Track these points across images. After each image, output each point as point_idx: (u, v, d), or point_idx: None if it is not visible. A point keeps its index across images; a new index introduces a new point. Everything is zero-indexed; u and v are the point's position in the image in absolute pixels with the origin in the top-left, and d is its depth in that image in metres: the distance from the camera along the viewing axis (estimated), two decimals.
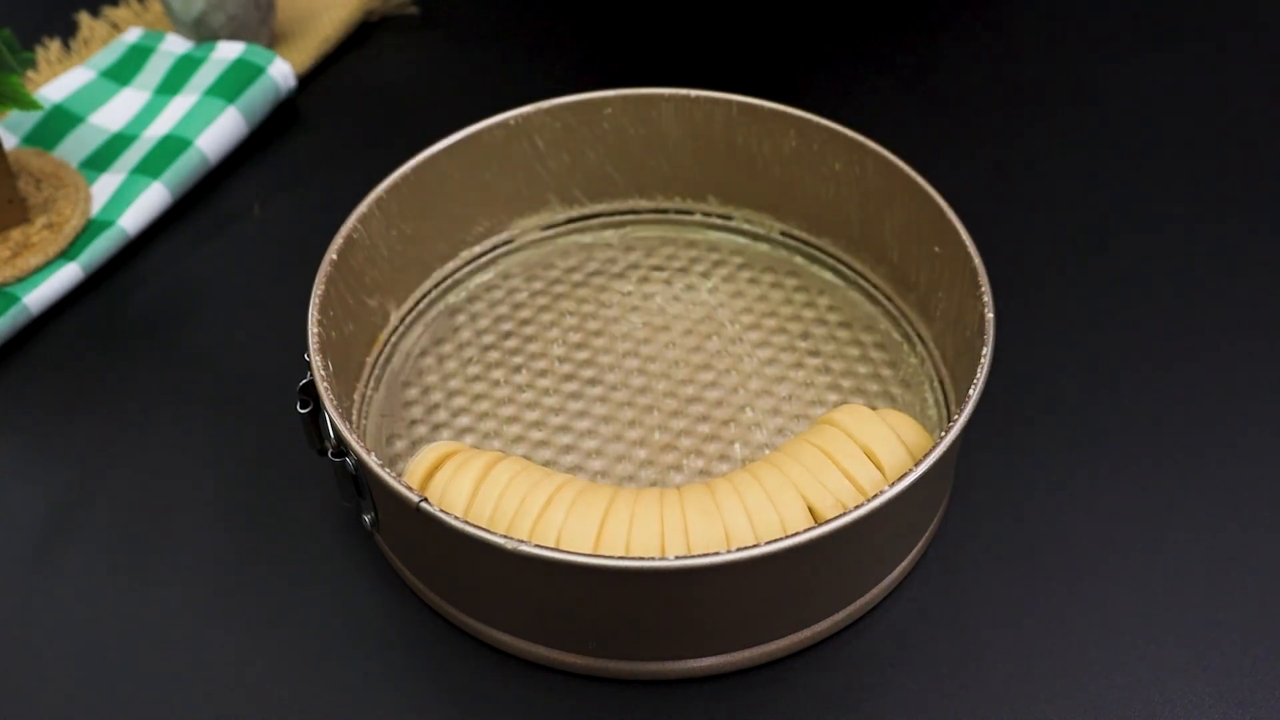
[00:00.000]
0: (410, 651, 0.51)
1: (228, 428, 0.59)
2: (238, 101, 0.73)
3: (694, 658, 0.49)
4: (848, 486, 0.49)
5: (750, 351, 0.61)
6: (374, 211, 0.58)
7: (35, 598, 0.53)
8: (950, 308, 0.57)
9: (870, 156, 0.59)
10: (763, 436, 0.57)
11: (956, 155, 0.73)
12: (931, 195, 0.56)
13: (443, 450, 0.52)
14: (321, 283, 0.54)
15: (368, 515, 0.51)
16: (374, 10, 0.83)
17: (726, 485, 0.49)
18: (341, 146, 0.75)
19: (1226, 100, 0.76)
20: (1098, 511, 0.55)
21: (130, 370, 0.62)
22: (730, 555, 0.43)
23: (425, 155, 0.60)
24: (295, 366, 0.53)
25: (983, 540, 0.54)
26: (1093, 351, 0.61)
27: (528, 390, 0.59)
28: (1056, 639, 0.50)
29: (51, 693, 0.50)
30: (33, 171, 0.69)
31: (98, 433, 0.59)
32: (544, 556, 0.44)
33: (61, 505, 0.56)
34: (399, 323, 0.62)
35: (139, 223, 0.68)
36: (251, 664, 0.50)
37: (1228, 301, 0.64)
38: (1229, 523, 0.54)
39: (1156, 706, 0.48)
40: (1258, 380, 0.60)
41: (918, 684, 0.49)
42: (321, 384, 0.50)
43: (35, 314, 0.64)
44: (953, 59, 0.80)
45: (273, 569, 0.54)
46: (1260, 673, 0.49)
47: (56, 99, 0.75)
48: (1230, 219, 0.69)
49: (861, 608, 0.51)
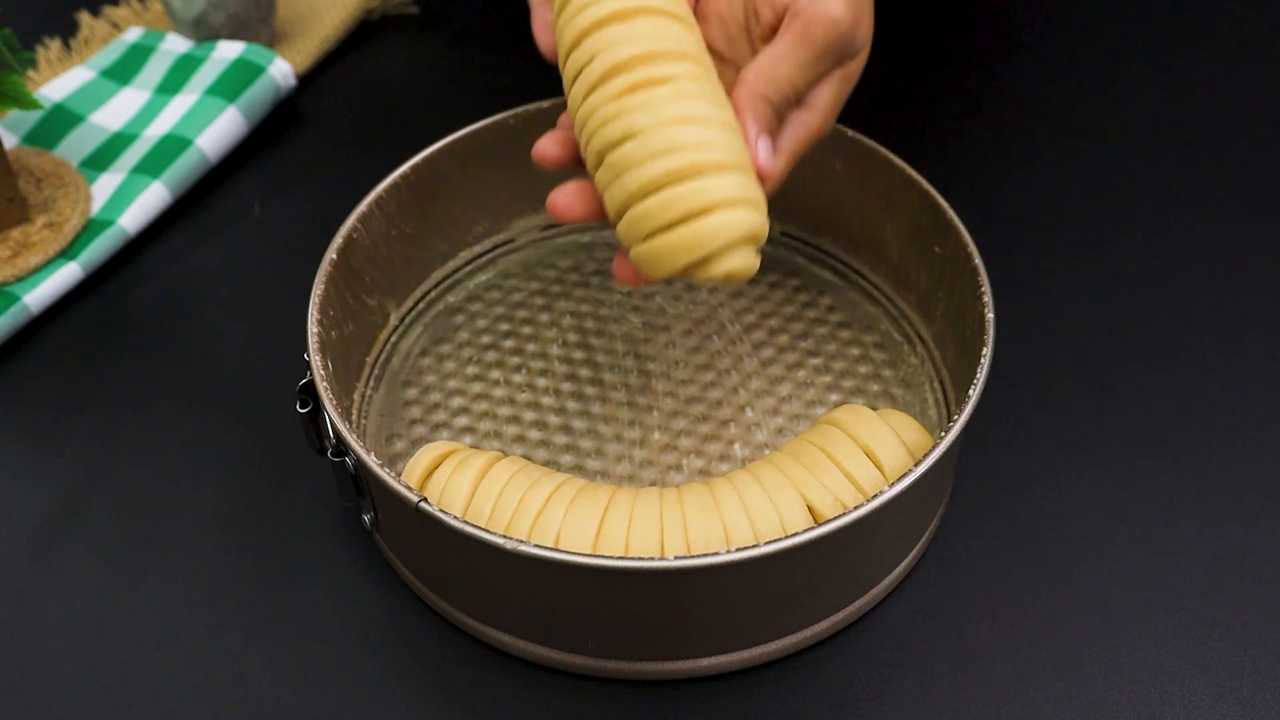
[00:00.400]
0: (410, 651, 0.51)
1: (228, 427, 0.59)
2: (238, 101, 0.73)
3: (694, 658, 0.49)
4: (848, 486, 0.49)
5: (750, 351, 0.61)
6: (374, 211, 0.58)
7: (35, 598, 0.53)
8: (950, 308, 0.57)
9: (870, 156, 0.59)
10: (763, 436, 0.57)
11: (956, 155, 0.73)
12: (932, 195, 0.56)
13: (440, 450, 0.52)
14: (321, 283, 0.54)
15: (367, 515, 0.52)
16: (374, 10, 0.83)
17: (726, 485, 0.49)
18: (341, 146, 0.75)
19: (1227, 100, 0.76)
20: (1097, 511, 0.55)
21: (130, 370, 0.62)
22: (730, 555, 0.43)
23: (425, 155, 0.60)
24: (295, 366, 0.53)
25: (982, 540, 0.54)
26: (1092, 351, 0.61)
27: (527, 390, 0.59)
28: (1056, 639, 0.50)
29: (51, 692, 0.50)
30: (33, 171, 0.69)
31: (98, 432, 0.59)
32: (543, 556, 0.44)
33: (61, 505, 0.56)
34: (399, 323, 0.62)
35: (139, 222, 0.68)
36: (251, 664, 0.50)
37: (1228, 301, 0.64)
38: (1229, 523, 0.54)
39: (1156, 706, 0.48)
40: (1258, 380, 0.60)
41: (918, 684, 0.49)
42: (321, 384, 0.50)
43: (35, 313, 0.64)
44: (953, 59, 0.80)
45: (272, 569, 0.54)
46: (1260, 673, 0.49)
47: (57, 98, 0.75)
48: (1230, 219, 0.69)
49: (861, 608, 0.51)
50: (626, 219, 0.44)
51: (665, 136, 0.43)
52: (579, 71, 0.46)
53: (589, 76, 0.45)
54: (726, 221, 0.42)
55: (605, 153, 0.44)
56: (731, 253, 0.43)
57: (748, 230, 0.43)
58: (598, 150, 0.44)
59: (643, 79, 0.44)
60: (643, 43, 0.44)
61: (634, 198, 0.43)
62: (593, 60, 0.45)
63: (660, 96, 0.43)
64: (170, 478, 0.57)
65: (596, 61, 0.45)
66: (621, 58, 0.44)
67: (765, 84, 0.46)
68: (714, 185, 0.42)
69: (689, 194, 0.42)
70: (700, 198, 0.42)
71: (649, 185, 0.43)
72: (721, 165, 0.43)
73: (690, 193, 0.42)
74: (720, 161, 0.42)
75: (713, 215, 0.42)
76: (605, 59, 0.44)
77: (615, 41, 0.45)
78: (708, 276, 0.43)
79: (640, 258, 0.44)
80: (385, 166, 0.59)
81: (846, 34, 0.47)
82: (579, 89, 0.46)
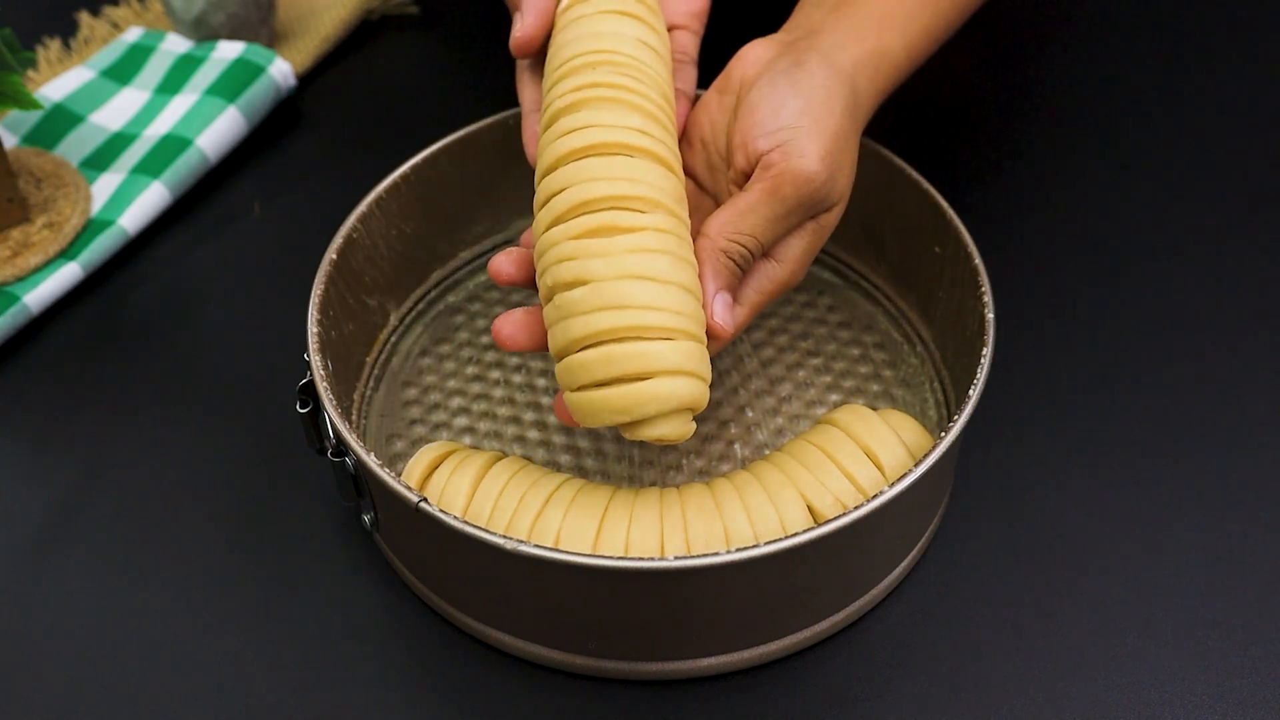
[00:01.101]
0: (410, 651, 0.51)
1: (228, 427, 0.59)
2: (238, 101, 0.73)
3: (694, 658, 0.49)
4: (848, 486, 0.49)
5: (750, 352, 0.61)
6: (374, 211, 0.58)
7: (35, 598, 0.53)
8: (950, 308, 0.57)
9: (870, 156, 0.59)
10: (763, 436, 0.57)
11: (956, 155, 0.73)
12: (932, 195, 0.56)
13: (440, 450, 0.52)
14: (321, 282, 0.54)
15: (367, 515, 0.51)
16: (374, 10, 0.83)
17: (726, 485, 0.49)
18: (341, 146, 0.75)
19: (1227, 100, 0.76)
20: (1097, 512, 0.55)
21: (130, 370, 0.62)
22: (730, 555, 0.43)
23: (425, 155, 0.60)
24: (295, 366, 0.53)
25: (982, 540, 0.54)
26: (1093, 351, 0.61)
27: (527, 390, 0.59)
28: (1056, 639, 0.50)
29: (51, 692, 0.50)
30: (33, 171, 0.69)
31: (98, 433, 0.59)
32: (543, 556, 0.43)
33: (61, 505, 0.56)
34: (399, 323, 0.62)
35: (139, 222, 0.68)
36: (251, 664, 0.50)
37: (1228, 301, 0.64)
38: (1229, 523, 0.54)
39: (1156, 706, 0.48)
40: (1258, 380, 0.60)
41: (918, 684, 0.49)
42: (321, 384, 0.50)
43: (35, 313, 0.64)
44: (953, 59, 0.80)
45: (272, 569, 0.54)
46: (1260, 673, 0.49)
47: (57, 98, 0.75)
48: (1231, 219, 0.69)
49: (861, 608, 0.51)
50: (564, 365, 0.43)
51: (616, 290, 0.42)
52: (549, 198, 0.45)
53: (556, 207, 0.44)
54: (661, 390, 0.42)
55: (556, 291, 0.43)
56: (663, 421, 0.43)
57: (681, 401, 0.42)
58: (549, 286, 0.44)
59: (607, 223, 0.43)
60: (618, 184, 0.44)
61: (575, 345, 0.43)
62: (564, 190, 0.44)
63: (621, 246, 0.43)
64: (170, 478, 0.57)
65: (567, 193, 0.44)
66: (591, 195, 0.43)
67: (729, 238, 0.45)
68: (654, 351, 0.42)
69: (628, 355, 0.42)
70: (638, 362, 0.42)
71: (591, 337, 0.42)
72: (667, 330, 0.42)
73: (629, 354, 0.42)
74: (666, 326, 0.42)
75: (648, 383, 0.42)
76: (576, 193, 0.44)
77: (590, 176, 0.44)
78: (637, 438, 0.43)
79: (573, 405, 0.44)
80: (385, 166, 0.59)
81: (819, 190, 0.46)
82: (544, 216, 0.45)
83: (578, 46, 0.48)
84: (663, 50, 0.50)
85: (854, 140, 0.48)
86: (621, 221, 0.43)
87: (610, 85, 0.46)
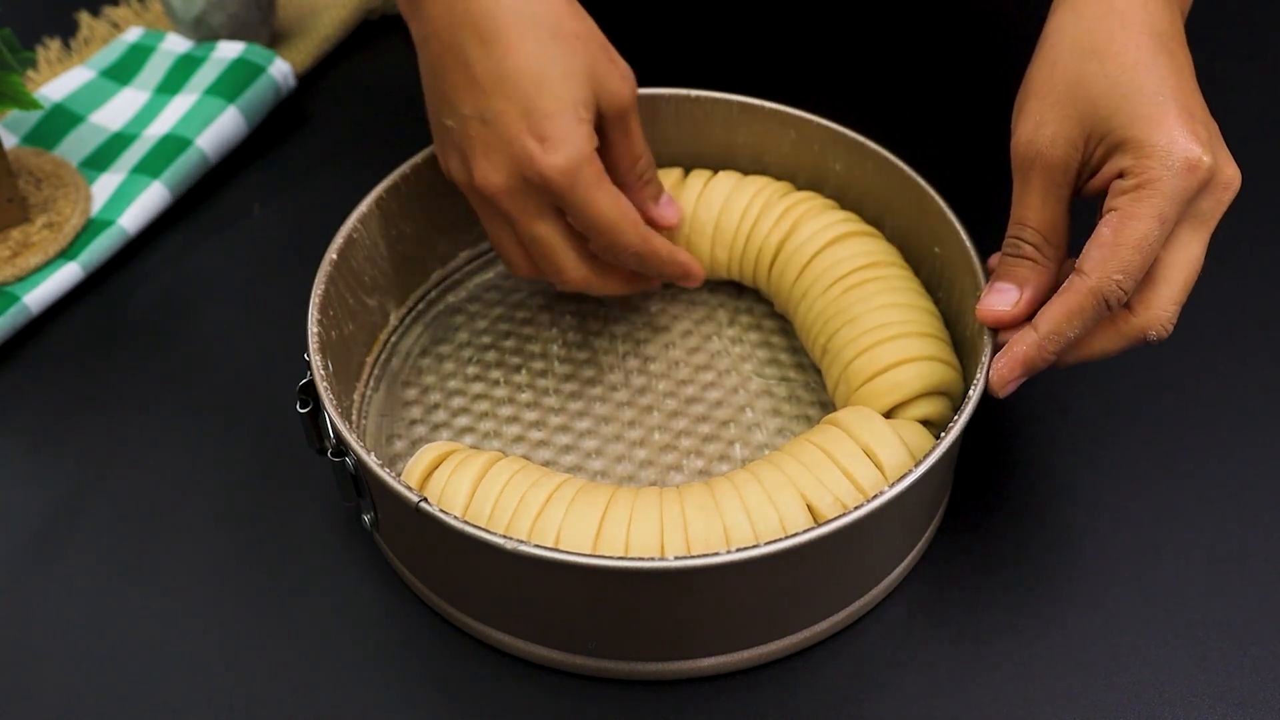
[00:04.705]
0: (410, 651, 0.51)
1: (228, 427, 0.59)
2: (238, 101, 0.72)
3: (694, 658, 0.49)
4: (848, 486, 0.49)
5: (751, 352, 0.61)
6: (374, 211, 0.58)
7: (35, 598, 0.53)
8: (950, 308, 0.57)
9: (870, 157, 0.59)
10: (763, 437, 0.57)
11: (956, 155, 0.73)
12: (931, 195, 0.56)
13: (440, 450, 0.52)
14: (321, 282, 0.54)
15: (367, 515, 0.52)
16: (374, 10, 0.83)
17: (726, 485, 0.49)
18: (341, 146, 0.75)
19: (1226, 101, 0.76)
20: (1097, 511, 0.55)
21: (130, 370, 0.62)
22: (730, 555, 0.43)
23: (425, 155, 0.60)
24: (295, 366, 0.53)
25: (982, 540, 0.54)
26: None
27: (527, 390, 0.59)
28: (1056, 639, 0.50)
29: (51, 692, 0.50)
30: (33, 171, 0.69)
31: (98, 433, 0.59)
32: (543, 556, 0.44)
33: (61, 505, 0.56)
34: (399, 323, 0.62)
35: (139, 222, 0.68)
36: (251, 664, 0.50)
37: (1228, 302, 0.64)
38: (1229, 523, 0.54)
39: (1156, 707, 0.48)
40: (1258, 381, 0.60)
41: (918, 684, 0.49)
42: (321, 384, 0.50)
43: (35, 313, 0.64)
44: (953, 59, 0.80)
45: (272, 569, 0.54)
46: (1260, 673, 0.49)
47: (56, 98, 0.75)
48: (1229, 219, 0.69)
49: (861, 608, 0.51)
50: (843, 376, 0.55)
51: (874, 317, 0.54)
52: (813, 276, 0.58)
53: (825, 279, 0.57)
54: (911, 373, 0.52)
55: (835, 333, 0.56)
56: (922, 402, 0.52)
57: (929, 382, 0.52)
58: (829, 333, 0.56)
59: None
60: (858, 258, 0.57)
61: (850, 358, 0.54)
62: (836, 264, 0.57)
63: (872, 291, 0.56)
64: (170, 477, 0.57)
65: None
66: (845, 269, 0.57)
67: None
68: (904, 346, 0.53)
69: (886, 352, 0.53)
70: (894, 355, 0.53)
71: (860, 348, 0.54)
72: (913, 333, 0.54)
73: (887, 351, 0.53)
74: (911, 330, 0.54)
75: (901, 368, 0.53)
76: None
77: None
78: (906, 418, 0.52)
79: (856, 402, 0.54)
80: (385, 166, 0.59)
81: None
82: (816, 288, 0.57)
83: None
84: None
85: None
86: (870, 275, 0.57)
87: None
